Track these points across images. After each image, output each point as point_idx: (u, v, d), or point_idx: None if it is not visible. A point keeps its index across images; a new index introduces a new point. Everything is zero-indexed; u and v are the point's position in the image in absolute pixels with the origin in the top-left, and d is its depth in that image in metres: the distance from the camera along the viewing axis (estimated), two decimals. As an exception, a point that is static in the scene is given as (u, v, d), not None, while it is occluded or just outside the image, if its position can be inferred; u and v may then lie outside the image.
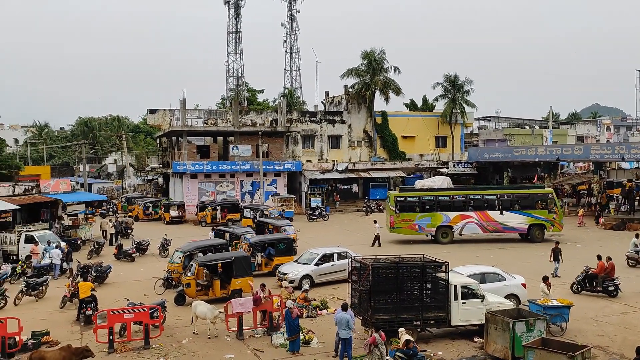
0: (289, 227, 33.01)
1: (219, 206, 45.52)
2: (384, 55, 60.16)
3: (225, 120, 58.43)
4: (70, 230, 36.78)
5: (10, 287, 24.12)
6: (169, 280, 24.04)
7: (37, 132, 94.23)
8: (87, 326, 19.13)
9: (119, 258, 30.89)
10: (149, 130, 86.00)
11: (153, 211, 49.78)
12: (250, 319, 18.52)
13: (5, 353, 15.93)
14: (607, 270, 22.31)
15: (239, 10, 74.11)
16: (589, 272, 22.60)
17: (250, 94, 77.61)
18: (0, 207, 32.14)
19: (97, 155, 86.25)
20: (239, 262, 22.32)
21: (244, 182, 52.47)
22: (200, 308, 18.54)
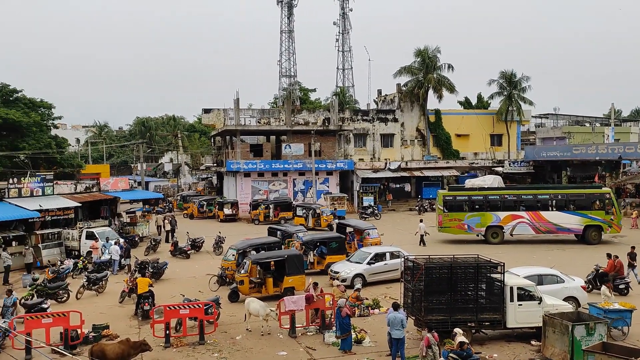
0: (372, 230, 30.68)
1: (271, 204, 45.93)
2: (438, 53, 59.40)
3: (278, 119, 58.91)
4: (128, 227, 37.84)
5: (72, 281, 24.95)
6: (223, 277, 24.40)
7: (97, 132, 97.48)
8: (144, 321, 19.64)
9: (175, 255, 31.58)
10: (203, 130, 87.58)
11: (207, 209, 50.67)
12: (302, 316, 18.60)
13: (68, 345, 16.50)
14: (617, 269, 22.35)
15: (292, 10, 74.58)
16: (599, 271, 22.43)
17: (302, 93, 77.99)
18: (63, 204, 33.38)
19: (154, 154, 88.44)
20: (292, 260, 22.43)
21: (297, 181, 52.74)
22: (253, 305, 18.74)
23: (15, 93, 51.87)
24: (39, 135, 50.38)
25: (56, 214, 32.85)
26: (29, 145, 48.12)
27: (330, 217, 40.99)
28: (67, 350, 15.76)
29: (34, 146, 48.48)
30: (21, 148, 47.50)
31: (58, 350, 15.79)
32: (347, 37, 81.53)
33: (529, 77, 61.72)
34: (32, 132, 49.42)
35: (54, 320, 16.85)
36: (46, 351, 15.84)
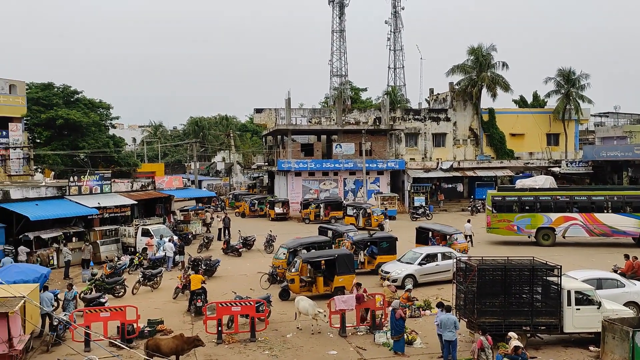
0: (459, 235, 28.97)
1: (322, 204, 46.03)
2: (493, 51, 58.23)
3: (329, 118, 58.99)
4: (182, 225, 38.62)
5: (128, 277, 25.64)
6: (274, 275, 24.60)
7: (152, 132, 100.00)
8: (197, 317, 19.99)
9: (227, 253, 32.03)
10: (255, 129, 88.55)
11: (259, 208, 51.21)
12: (353, 316, 18.54)
13: (125, 338, 16.96)
14: (635, 269, 21.99)
15: (343, 10, 74.52)
16: (617, 272, 21.88)
17: (353, 93, 77.85)
18: (120, 202, 34.37)
19: (207, 153, 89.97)
20: (342, 260, 22.41)
21: (347, 180, 52.68)
22: (302, 304, 18.82)
23: (75, 94, 53.84)
24: (97, 134, 52.15)
25: (113, 211, 33.84)
26: (89, 145, 49.84)
27: (381, 217, 40.80)
28: (124, 343, 16.18)
29: (93, 145, 50.20)
30: (81, 147, 49.23)
31: (115, 343, 16.25)
32: (399, 35, 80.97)
33: (588, 74, 59.73)
34: (91, 131, 51.19)
35: (112, 315, 17.37)
36: (104, 344, 16.33)
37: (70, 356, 14.91)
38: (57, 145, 48.86)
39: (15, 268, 20.51)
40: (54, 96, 51.33)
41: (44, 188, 32.64)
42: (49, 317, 17.96)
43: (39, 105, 49.48)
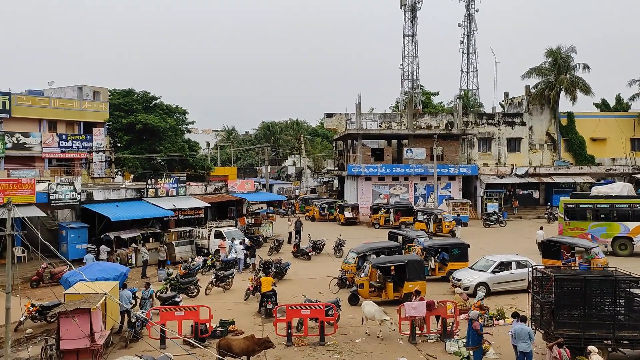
0: (594, 249, 26.12)
1: (392, 209, 45.67)
2: (572, 53, 56.05)
3: (400, 123, 58.51)
4: (253, 228, 39.25)
5: (201, 277, 26.29)
6: (343, 279, 24.57)
7: (225, 136, 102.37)
8: (267, 319, 20.24)
9: (297, 256, 32.29)
10: (325, 134, 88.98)
11: (328, 212, 51.40)
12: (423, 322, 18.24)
13: (198, 337, 17.39)
14: None
15: (415, 13, 73.75)
16: None
17: (425, 97, 76.87)
18: (195, 204, 35.36)
19: (278, 157, 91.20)
20: (412, 266, 22.12)
21: (418, 185, 52.06)
22: (367, 308, 18.70)
23: (154, 100, 55.89)
24: (174, 139, 53.87)
25: (188, 214, 34.86)
26: (165, 149, 51.57)
27: (452, 223, 40.03)
28: (197, 342, 16.58)
29: (170, 149, 51.89)
30: (158, 151, 51.03)
31: (189, 342, 16.68)
32: (472, 38, 79.32)
33: (676, 76, 56.43)
34: (168, 136, 52.95)
35: (186, 314, 17.87)
36: (178, 342, 16.81)
37: (147, 352, 15.42)
38: (136, 149, 50.85)
39: (97, 266, 21.48)
40: (134, 102, 53.47)
41: (123, 190, 34.06)
42: (127, 314, 18.69)
43: (120, 111, 51.68)
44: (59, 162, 43.25)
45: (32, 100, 42.51)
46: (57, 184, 30.38)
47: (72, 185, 30.73)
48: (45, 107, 43.02)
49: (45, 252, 19.00)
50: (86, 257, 27.21)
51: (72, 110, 44.60)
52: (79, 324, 15.07)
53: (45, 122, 42.97)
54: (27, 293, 23.90)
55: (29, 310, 19.54)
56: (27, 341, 18.11)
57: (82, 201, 31.20)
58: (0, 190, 26.91)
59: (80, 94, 46.37)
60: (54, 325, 17.49)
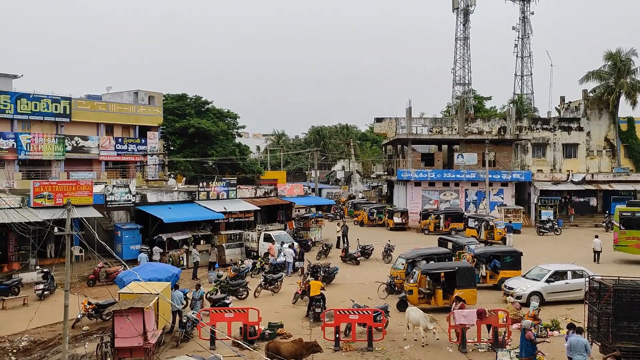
0: None
1: (442, 215, 45.09)
2: (633, 56, 54.13)
3: (451, 128, 57.78)
4: (302, 232, 39.40)
5: (251, 280, 26.51)
6: (392, 285, 24.37)
7: (275, 140, 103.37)
8: (315, 323, 20.25)
9: (345, 261, 32.21)
10: (375, 138, 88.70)
11: (377, 217, 51.14)
12: (473, 332, 17.90)
13: (247, 339, 17.55)
14: None
15: (468, 17, 72.72)
16: None
17: (477, 101, 75.67)
18: (245, 207, 35.77)
19: (327, 161, 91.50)
20: (463, 273, 21.73)
21: (469, 191, 51.22)
22: (412, 314, 18.49)
23: (206, 104, 57.00)
24: (225, 143, 54.79)
25: (238, 217, 35.29)
26: (217, 152, 52.50)
27: (504, 230, 39.16)
28: (246, 343, 16.73)
29: (221, 153, 52.79)
30: (210, 154, 51.98)
31: (239, 343, 16.84)
32: (527, 41, 77.60)
33: None
34: (219, 140, 53.90)
35: (235, 315, 18.07)
36: (228, 343, 17.01)
37: (197, 353, 15.65)
38: (188, 152, 51.92)
39: (150, 267, 22.00)
40: (187, 106, 54.66)
41: (176, 193, 34.79)
42: (179, 315, 19.03)
43: (173, 115, 52.90)
44: (115, 164, 44.58)
45: (90, 104, 43.97)
46: (113, 186, 31.28)
47: (127, 187, 31.59)
48: (102, 111, 44.43)
49: (102, 251, 19.60)
50: (140, 256, 27.96)
51: (128, 115, 45.90)
52: (132, 323, 15.44)
53: (102, 126, 44.37)
54: (84, 291, 24.68)
55: (85, 308, 20.17)
56: (84, 338, 18.68)
57: (136, 203, 32.04)
58: (60, 191, 27.91)
59: (136, 98, 47.69)
60: (109, 323, 17.97)
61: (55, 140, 40.54)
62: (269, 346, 15.73)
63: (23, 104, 39.54)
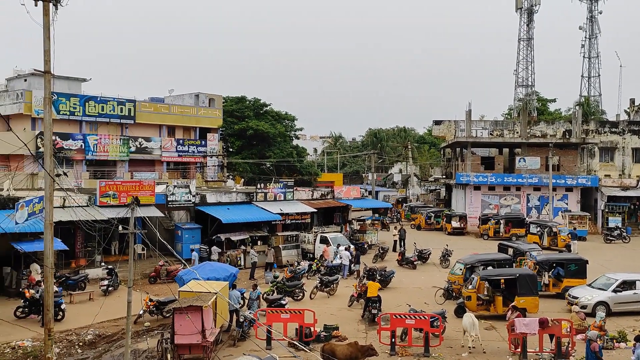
0: None
1: (502, 220, 44.00)
2: None
3: (512, 131, 56.38)
4: (358, 235, 39.27)
5: (306, 282, 26.60)
6: (450, 291, 23.96)
7: (332, 143, 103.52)
8: (371, 325, 20.12)
9: (402, 264, 31.90)
10: (433, 141, 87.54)
11: (435, 221, 50.42)
12: (535, 341, 17.35)
13: (302, 340, 17.60)
14: None
15: (532, 17, 70.85)
16: None
17: (540, 104, 73.57)
18: (302, 209, 35.97)
19: (384, 164, 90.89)
20: (524, 280, 21.14)
21: (531, 196, 49.80)
22: (465, 319, 18.12)
23: (265, 107, 57.69)
24: (282, 145, 55.30)
25: (295, 218, 35.51)
26: (274, 154, 53.05)
27: (568, 237, 37.84)
28: (302, 344, 16.78)
29: (278, 155, 53.31)
30: (268, 156, 52.57)
31: (294, 344, 16.93)
32: (595, 42, 74.92)
33: None
34: (277, 142, 54.45)
35: (291, 316, 18.17)
36: (284, 343, 17.10)
37: (254, 352, 15.81)
38: (247, 154, 52.68)
39: (208, 266, 22.42)
40: (245, 108, 55.48)
41: (234, 193, 35.36)
42: (236, 314, 19.29)
43: (232, 117, 53.79)
44: (175, 165, 45.73)
45: (153, 107, 45.31)
46: (174, 186, 32.06)
47: (187, 187, 32.32)
48: (165, 113, 45.70)
49: (162, 250, 20.08)
50: (193, 254, 28.64)
51: (189, 117, 47.03)
52: (191, 321, 15.74)
53: (164, 128, 45.62)
54: (145, 288, 25.39)
55: (147, 304, 20.72)
56: (145, 334, 19.18)
57: (196, 203, 32.73)
58: (124, 191, 28.82)
59: (197, 101, 48.80)
60: (169, 320, 18.39)
61: (120, 142, 41.94)
62: (325, 348, 15.73)
63: (91, 106, 41.12)
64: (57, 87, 38.03)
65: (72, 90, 41.65)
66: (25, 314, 20.65)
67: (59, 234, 24.82)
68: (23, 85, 40.16)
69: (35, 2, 14.19)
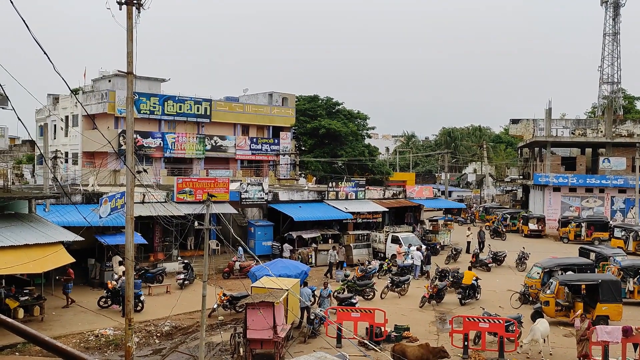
0: None
1: (584, 223, 42.18)
2: None
3: (596, 130, 53.89)
4: (431, 235, 38.69)
5: (377, 281, 26.42)
6: (526, 295, 23.21)
7: (405, 142, 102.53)
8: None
9: (475, 266, 31.09)
10: (509, 141, 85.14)
11: (511, 223, 48.94)
12: (617, 350, 16.50)
13: (373, 340, 17.49)
14: None
15: (618, 10, 67.40)
16: None
17: (627, 102, 69.93)
18: (373, 208, 35.81)
19: (458, 164, 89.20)
20: (607, 286, 20.15)
21: (615, 199, 47.46)
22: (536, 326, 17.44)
23: (337, 105, 57.79)
24: (354, 143, 55.18)
25: (366, 217, 35.38)
26: (346, 153, 53.02)
27: (655, 242, 35.81)
28: (373, 344, 16.68)
29: (350, 154, 53.24)
30: (339, 155, 52.62)
31: (365, 343, 16.85)
32: (686, 35, 70.45)
33: None
34: (348, 140, 54.39)
35: (362, 315, 18.11)
36: (354, 342, 17.06)
37: (324, 349, 15.85)
38: (319, 152, 52.96)
39: (280, 263, 22.69)
40: (318, 107, 55.78)
41: (306, 192, 35.63)
42: (307, 311, 19.42)
43: (305, 116, 54.21)
44: (249, 163, 46.58)
45: (228, 106, 46.32)
46: (248, 184, 32.67)
47: (260, 185, 32.85)
48: (239, 112, 46.62)
49: (236, 246, 20.50)
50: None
51: (263, 115, 47.77)
52: (263, 316, 15.96)
53: (239, 126, 46.55)
54: (219, 283, 25.98)
55: (220, 299, 21.21)
56: (219, 327, 19.66)
57: (268, 201, 33.22)
58: (200, 187, 29.61)
59: (270, 100, 49.51)
60: (242, 315, 18.74)
61: (197, 140, 43.14)
62: (395, 348, 15.57)
63: (169, 105, 42.52)
64: (138, 87, 39.45)
65: (152, 90, 43.20)
66: (107, 304, 21.64)
67: (139, 229, 25.75)
68: (107, 86, 42.01)
69: (119, 6, 14.80)
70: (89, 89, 44.43)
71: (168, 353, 17.59)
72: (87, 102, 41.17)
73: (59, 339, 17.23)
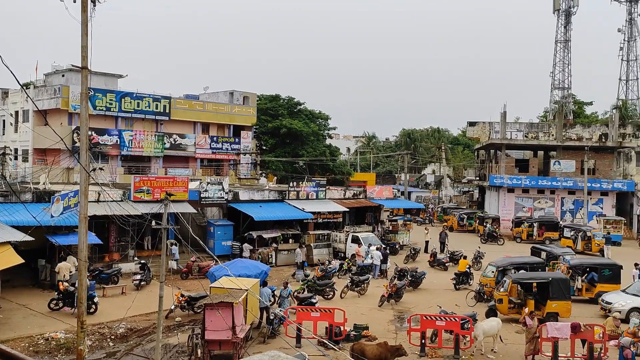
0: None
1: (536, 223, 43.36)
2: None
3: (547, 133, 55.50)
4: (390, 235, 39.14)
5: (337, 281, 26.60)
6: (481, 293, 23.78)
7: (365, 142, 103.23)
8: (402, 325, 20.01)
9: (433, 266, 31.69)
10: (467, 143, 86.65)
11: (467, 223, 49.92)
12: (566, 346, 17.08)
13: (332, 339, 17.63)
14: None
15: (570, 18, 69.49)
16: None
17: (576, 106, 72.16)
18: (333, 208, 36.01)
19: (417, 165, 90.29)
20: (557, 284, 20.83)
21: (565, 200, 48.94)
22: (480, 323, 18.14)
23: (298, 105, 57.87)
24: (316, 143, 55.38)
25: (327, 217, 35.55)
26: (307, 153, 53.15)
27: (602, 242, 37.08)
28: (332, 343, 16.82)
29: (311, 154, 53.39)
30: (301, 155, 52.71)
31: (324, 342, 16.98)
32: (634, 44, 73.05)
33: None
34: (310, 140, 54.54)
35: (321, 315, 18.25)
36: (313, 342, 17.17)
37: (283, 349, 15.90)
38: (280, 152, 52.93)
39: (240, 263, 22.60)
40: (279, 107, 55.74)
41: (267, 191, 35.59)
42: (266, 311, 19.43)
43: (266, 115, 54.08)
44: (209, 162, 46.17)
45: (188, 104, 45.78)
46: (208, 183, 32.40)
47: (220, 184, 32.64)
48: (199, 110, 46.12)
49: (195, 246, 20.34)
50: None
51: (223, 114, 47.38)
52: (222, 317, 15.90)
53: (199, 125, 46.05)
54: (177, 284, 25.76)
55: (178, 299, 21.01)
56: (176, 328, 19.48)
57: (229, 200, 33.04)
58: (158, 186, 29.23)
59: (231, 98, 49.17)
60: (200, 316, 18.60)
61: (155, 138, 42.51)
62: (354, 347, 15.75)
63: (127, 102, 41.73)
64: (93, 82, 38.56)
65: (108, 86, 42.32)
66: (58, 307, 21.07)
67: (94, 228, 25.23)
68: (61, 81, 40.96)
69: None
70: (41, 83, 43.29)
71: (122, 355, 17.32)
72: (38, 97, 39.98)
73: (7, 342, 16.78)
